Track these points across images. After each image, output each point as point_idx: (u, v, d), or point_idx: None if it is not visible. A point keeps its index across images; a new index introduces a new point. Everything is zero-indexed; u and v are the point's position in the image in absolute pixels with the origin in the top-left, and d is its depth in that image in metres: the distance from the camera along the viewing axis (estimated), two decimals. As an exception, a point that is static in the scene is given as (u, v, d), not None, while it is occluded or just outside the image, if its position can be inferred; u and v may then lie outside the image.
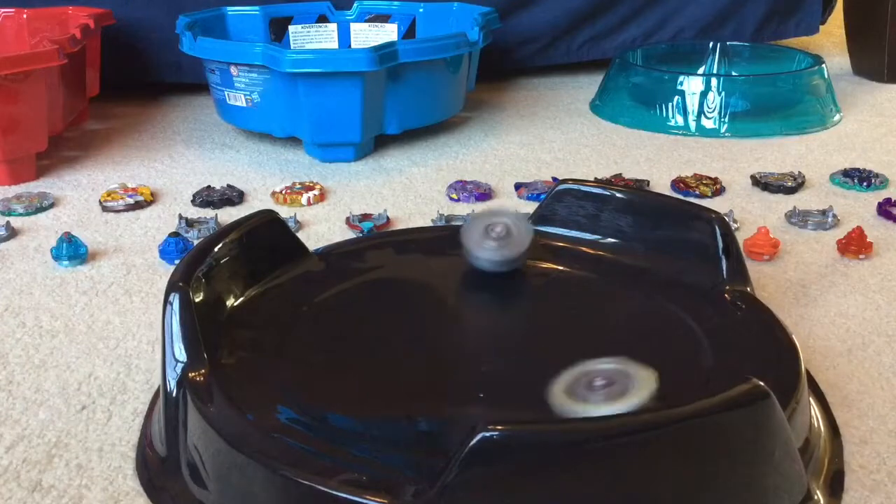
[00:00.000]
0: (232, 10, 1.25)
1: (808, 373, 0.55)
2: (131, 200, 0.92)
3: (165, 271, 0.76)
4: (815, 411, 0.53)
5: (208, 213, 0.90)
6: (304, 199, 0.92)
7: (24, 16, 1.23)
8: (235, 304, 0.58)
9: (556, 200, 0.68)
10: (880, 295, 0.71)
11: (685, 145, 1.11)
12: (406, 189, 0.96)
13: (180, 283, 0.52)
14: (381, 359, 0.53)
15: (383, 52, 0.99)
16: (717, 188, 0.94)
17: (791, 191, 0.93)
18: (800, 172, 0.97)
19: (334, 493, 0.41)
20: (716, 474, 0.41)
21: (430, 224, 0.85)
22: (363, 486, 0.41)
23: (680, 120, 1.17)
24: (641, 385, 0.42)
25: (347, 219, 0.86)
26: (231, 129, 1.20)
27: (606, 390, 0.42)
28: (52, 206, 0.93)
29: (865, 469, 0.50)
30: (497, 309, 0.60)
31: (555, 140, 1.14)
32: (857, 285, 0.72)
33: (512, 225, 0.61)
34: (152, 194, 0.95)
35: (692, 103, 1.16)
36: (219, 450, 0.45)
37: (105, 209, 0.91)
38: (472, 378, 0.51)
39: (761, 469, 0.42)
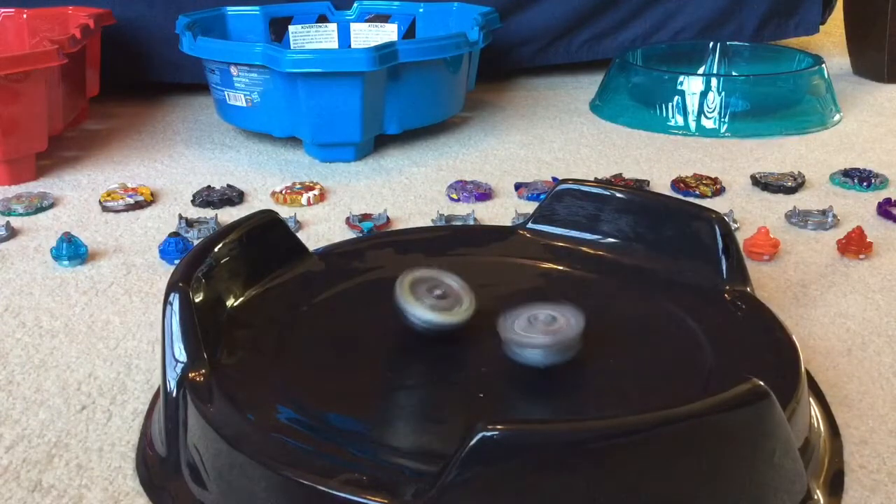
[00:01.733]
0: (232, 10, 1.25)
1: (808, 373, 0.55)
2: (131, 200, 0.92)
3: (165, 271, 0.76)
4: (815, 411, 0.53)
5: (208, 213, 0.90)
6: (304, 199, 0.92)
7: (24, 16, 1.23)
8: (235, 304, 0.58)
9: (556, 200, 0.68)
10: (880, 295, 0.71)
11: (685, 145, 1.11)
12: (406, 189, 0.96)
13: (180, 283, 0.52)
14: (381, 359, 0.53)
15: (383, 52, 0.99)
16: (717, 188, 0.94)
17: (791, 191, 0.93)
18: (800, 172, 0.97)
19: (334, 493, 0.41)
20: (716, 474, 0.41)
21: (430, 224, 0.85)
22: (363, 486, 0.41)
23: (680, 120, 1.17)
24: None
25: (347, 219, 0.86)
26: (231, 129, 1.20)
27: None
28: (52, 206, 0.93)
29: (865, 469, 0.50)
30: (497, 309, 0.60)
31: (555, 140, 1.14)
32: (857, 285, 0.72)
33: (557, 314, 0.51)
34: (152, 194, 0.95)
35: (692, 103, 1.16)
36: (219, 450, 0.45)
37: (105, 209, 0.91)
38: (472, 378, 0.51)
39: (761, 469, 0.42)
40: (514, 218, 0.85)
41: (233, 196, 0.93)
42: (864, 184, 0.94)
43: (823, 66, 1.21)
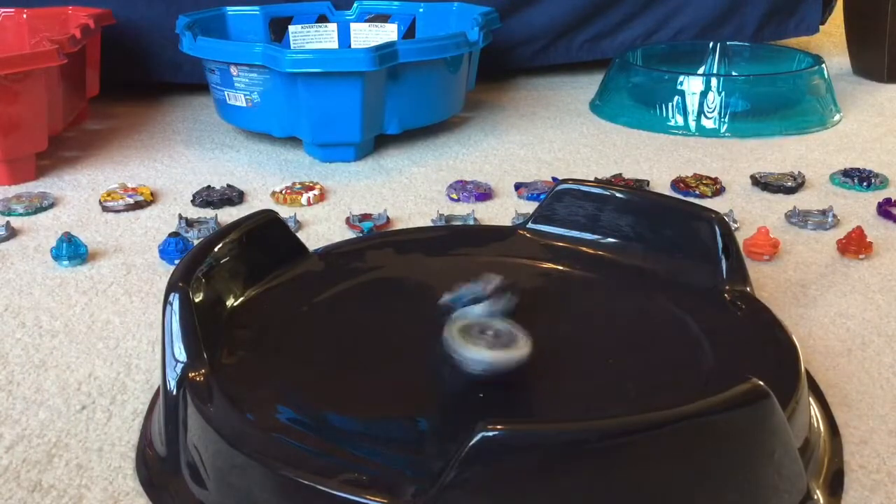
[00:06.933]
0: (232, 10, 1.25)
1: (808, 373, 0.55)
2: (131, 200, 0.92)
3: (165, 271, 0.76)
4: (815, 411, 0.53)
5: (208, 213, 0.90)
6: (304, 199, 0.92)
7: (24, 16, 1.23)
8: (235, 304, 0.58)
9: (556, 200, 0.68)
10: (880, 295, 0.71)
11: (685, 145, 1.11)
12: (406, 189, 0.96)
13: (180, 283, 0.52)
14: (381, 359, 0.53)
15: (383, 52, 0.99)
16: (717, 188, 0.94)
17: (791, 191, 0.93)
18: (800, 172, 0.97)
19: (334, 493, 0.41)
20: (716, 474, 0.41)
21: (430, 224, 0.85)
22: (363, 486, 0.41)
23: (680, 120, 1.17)
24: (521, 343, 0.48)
25: (347, 219, 0.86)
26: (231, 129, 1.20)
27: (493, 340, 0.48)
28: (52, 206, 0.93)
29: (865, 469, 0.50)
30: (497, 309, 0.60)
31: (555, 140, 1.14)
32: (857, 285, 0.72)
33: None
34: (152, 194, 0.95)
35: (692, 103, 1.16)
36: (219, 450, 0.45)
37: (105, 209, 0.91)
38: (472, 378, 0.51)
39: (761, 469, 0.42)
40: (514, 218, 0.85)
41: (233, 196, 0.93)
42: (864, 184, 0.94)
43: (823, 66, 1.21)
